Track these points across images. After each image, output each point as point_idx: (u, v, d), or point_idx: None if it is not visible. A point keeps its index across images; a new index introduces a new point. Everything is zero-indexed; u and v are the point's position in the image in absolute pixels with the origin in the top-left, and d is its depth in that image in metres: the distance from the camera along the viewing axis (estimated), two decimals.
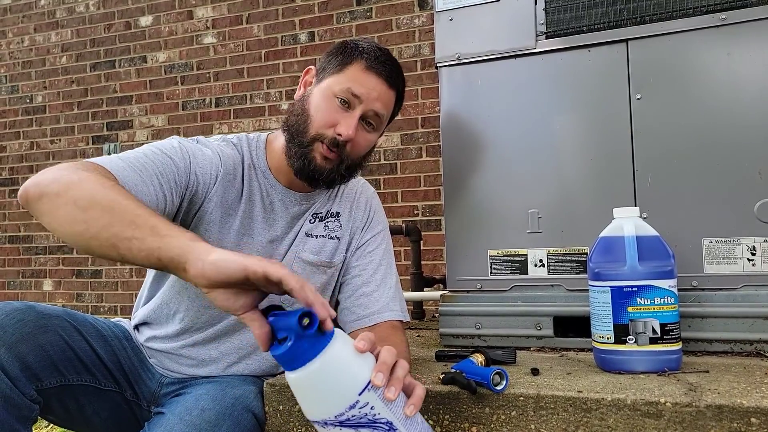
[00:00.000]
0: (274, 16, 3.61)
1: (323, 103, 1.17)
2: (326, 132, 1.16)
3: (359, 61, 1.18)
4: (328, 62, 1.22)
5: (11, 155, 4.21)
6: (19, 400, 0.99)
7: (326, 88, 1.18)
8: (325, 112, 1.16)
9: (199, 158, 1.17)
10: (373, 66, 1.17)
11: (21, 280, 4.13)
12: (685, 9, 1.33)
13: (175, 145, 1.16)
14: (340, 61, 1.19)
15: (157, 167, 1.09)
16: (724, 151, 1.30)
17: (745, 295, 1.27)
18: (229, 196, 1.20)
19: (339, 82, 1.17)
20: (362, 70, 1.17)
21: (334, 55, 1.22)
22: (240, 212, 1.21)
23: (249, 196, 1.22)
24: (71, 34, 4.10)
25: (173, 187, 1.10)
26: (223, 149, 1.22)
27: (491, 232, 1.46)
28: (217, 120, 3.71)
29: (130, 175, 1.03)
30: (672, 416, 0.92)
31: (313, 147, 1.17)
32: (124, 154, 1.09)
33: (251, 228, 1.22)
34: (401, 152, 3.30)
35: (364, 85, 1.16)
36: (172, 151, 1.14)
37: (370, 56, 1.18)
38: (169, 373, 1.25)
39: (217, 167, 1.18)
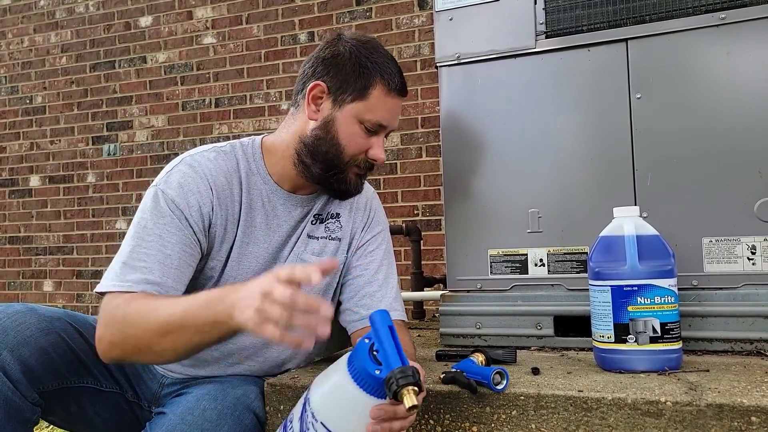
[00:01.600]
0: (274, 16, 3.61)
1: (353, 131, 1.19)
2: (359, 157, 1.21)
3: (379, 83, 1.18)
4: (343, 81, 1.18)
5: (11, 156, 4.21)
6: (21, 403, 0.99)
7: (353, 116, 1.18)
8: (358, 140, 1.19)
9: (190, 202, 1.14)
10: (393, 88, 1.19)
11: (21, 281, 4.13)
12: (685, 8, 1.33)
13: (165, 212, 1.12)
14: (362, 86, 1.17)
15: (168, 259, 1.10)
16: (723, 150, 1.30)
17: (745, 294, 1.27)
18: (230, 211, 1.19)
19: (366, 111, 1.18)
20: (385, 94, 1.19)
21: (352, 74, 1.18)
22: (241, 222, 1.20)
23: (249, 204, 1.21)
24: (71, 35, 4.10)
25: (191, 257, 1.13)
26: (210, 167, 1.18)
27: (491, 232, 1.46)
28: (216, 120, 3.71)
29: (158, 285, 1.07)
30: (672, 415, 0.92)
31: (348, 170, 1.21)
32: (129, 255, 1.09)
33: (253, 236, 1.21)
34: (401, 152, 3.30)
35: (389, 112, 1.20)
36: (165, 223, 1.11)
37: (387, 74, 1.19)
38: (170, 374, 1.25)
39: (208, 196, 1.16)
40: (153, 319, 0.97)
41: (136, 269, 1.06)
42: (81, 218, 3.99)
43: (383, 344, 0.84)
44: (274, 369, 1.27)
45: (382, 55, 1.21)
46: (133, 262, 1.07)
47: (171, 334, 0.96)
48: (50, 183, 4.09)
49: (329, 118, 1.19)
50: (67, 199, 4.03)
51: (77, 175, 4.02)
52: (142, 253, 1.08)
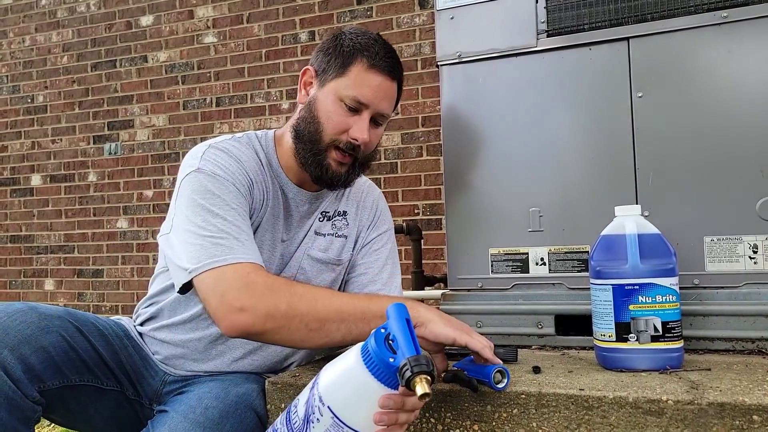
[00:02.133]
0: (275, 16, 3.61)
1: (332, 108, 1.16)
2: (340, 137, 1.17)
3: (360, 60, 1.16)
4: (327, 62, 1.20)
5: (12, 155, 4.21)
6: (21, 402, 0.99)
7: (332, 92, 1.17)
8: (336, 117, 1.16)
9: (235, 175, 1.15)
10: (375, 64, 1.16)
11: (22, 280, 4.13)
12: (687, 7, 1.33)
13: (220, 180, 1.12)
14: (342, 63, 1.17)
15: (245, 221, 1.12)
16: (725, 149, 1.30)
17: (746, 294, 1.27)
18: (258, 194, 1.20)
19: (344, 87, 1.16)
20: (365, 70, 1.16)
21: (333, 53, 1.19)
22: (270, 208, 1.21)
23: (273, 192, 1.23)
24: (72, 34, 4.11)
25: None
26: (241, 152, 1.19)
27: (492, 231, 1.46)
28: (217, 119, 3.71)
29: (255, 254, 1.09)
30: (674, 414, 0.92)
31: (327, 154, 1.18)
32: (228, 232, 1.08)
33: (275, 224, 1.23)
34: (402, 151, 3.30)
35: (369, 88, 1.16)
36: (231, 191, 1.13)
37: (370, 53, 1.17)
38: (173, 371, 1.25)
39: (245, 174, 1.17)
40: (330, 303, 1.04)
41: (241, 241, 1.07)
42: (82, 217, 3.99)
43: (399, 333, 0.84)
44: (276, 364, 1.27)
45: (369, 37, 1.19)
46: (235, 234, 1.07)
47: (346, 322, 1.03)
48: (51, 182, 4.09)
49: (313, 98, 1.20)
50: (69, 198, 4.04)
51: (78, 174, 4.02)
52: (230, 224, 1.08)
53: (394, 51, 1.22)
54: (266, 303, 1.01)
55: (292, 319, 1.01)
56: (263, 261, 1.18)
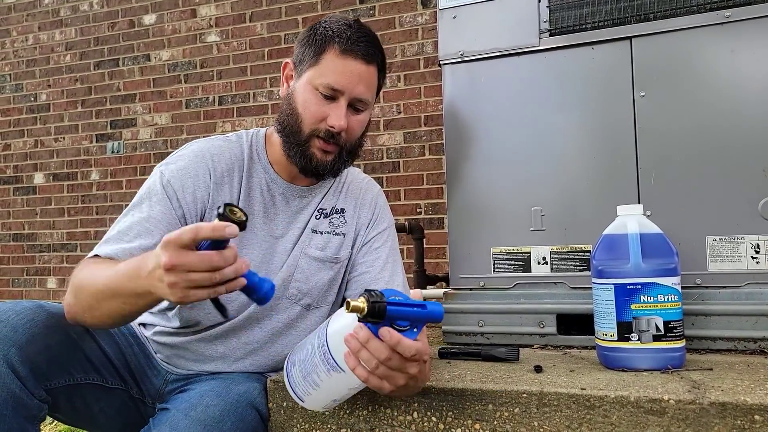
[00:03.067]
0: (277, 15, 3.61)
1: (308, 98, 1.17)
2: (319, 126, 1.17)
3: (332, 46, 1.15)
4: (303, 53, 1.20)
5: (15, 153, 4.22)
6: (28, 400, 1.00)
7: (307, 82, 1.17)
8: (313, 107, 1.16)
9: (186, 186, 1.18)
10: (347, 49, 1.15)
11: (25, 278, 4.14)
12: (689, 6, 1.33)
13: (156, 186, 1.18)
14: (315, 51, 1.17)
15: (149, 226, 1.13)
16: (728, 149, 1.30)
17: (749, 293, 1.27)
18: (227, 197, 1.21)
19: (318, 75, 1.15)
20: (338, 56, 1.15)
21: (307, 44, 1.19)
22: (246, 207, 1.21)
23: (248, 191, 1.23)
24: (75, 33, 4.11)
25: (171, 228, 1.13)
26: (213, 153, 1.22)
27: (494, 230, 1.46)
28: (220, 118, 3.72)
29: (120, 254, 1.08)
30: (675, 413, 0.92)
31: (311, 143, 1.18)
32: (117, 231, 1.13)
33: (251, 224, 1.22)
34: (404, 150, 3.30)
35: (343, 74, 1.15)
36: (156, 201, 1.16)
37: (342, 38, 1.15)
38: (175, 370, 1.25)
39: (205, 180, 1.19)
40: (94, 284, 1.00)
41: (116, 241, 1.11)
42: (85, 216, 4.00)
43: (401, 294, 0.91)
44: (278, 364, 1.27)
45: (343, 23, 1.18)
46: (116, 236, 1.12)
47: (106, 300, 0.97)
48: (54, 180, 4.10)
49: (291, 90, 1.21)
50: (71, 196, 4.04)
51: (81, 172, 4.03)
52: (125, 228, 1.13)
53: (370, 35, 1.20)
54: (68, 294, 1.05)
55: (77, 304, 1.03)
56: (252, 261, 1.20)
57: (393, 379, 0.90)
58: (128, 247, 1.09)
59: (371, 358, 0.87)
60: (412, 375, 0.90)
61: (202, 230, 0.83)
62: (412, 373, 0.90)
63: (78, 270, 1.06)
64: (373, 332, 0.87)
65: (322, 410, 1.08)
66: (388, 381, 0.90)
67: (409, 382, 0.92)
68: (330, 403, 1.04)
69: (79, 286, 1.03)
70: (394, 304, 0.88)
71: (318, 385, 1.00)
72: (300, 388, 1.03)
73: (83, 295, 1.02)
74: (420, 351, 0.88)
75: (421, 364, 0.91)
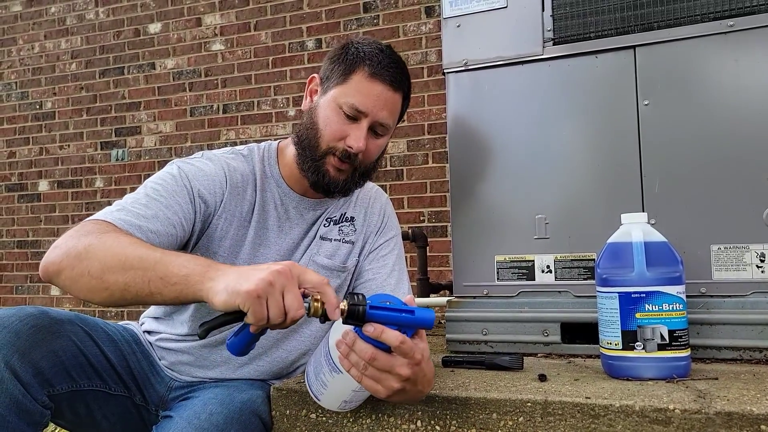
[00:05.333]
0: (282, 24, 3.63)
1: (331, 115, 1.17)
2: (337, 145, 1.17)
3: (362, 68, 1.16)
4: (331, 70, 1.20)
5: (20, 161, 4.24)
6: (31, 406, 1.00)
7: (332, 100, 1.17)
8: (334, 125, 1.16)
9: (200, 179, 1.17)
10: (377, 73, 1.16)
11: (29, 285, 4.15)
12: (693, 15, 1.33)
13: (174, 173, 1.16)
14: (344, 70, 1.17)
15: (161, 207, 1.10)
16: (732, 157, 1.30)
17: (754, 302, 1.26)
18: (241, 209, 1.21)
19: (344, 95, 1.16)
20: (366, 78, 1.16)
21: (337, 62, 1.20)
22: (253, 223, 1.21)
23: (262, 206, 1.23)
24: (81, 41, 4.14)
25: (181, 218, 1.12)
26: (229, 162, 1.22)
27: (498, 238, 1.46)
28: (224, 126, 3.73)
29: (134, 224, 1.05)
30: (681, 423, 0.92)
31: (326, 160, 1.18)
32: (126, 202, 1.10)
33: (266, 238, 1.23)
34: (408, 158, 3.31)
35: (368, 96, 1.15)
36: (171, 183, 1.14)
37: (372, 62, 1.16)
38: (179, 376, 1.25)
39: (221, 183, 1.19)
40: (123, 249, 0.94)
41: (130, 213, 1.07)
42: None
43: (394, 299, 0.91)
44: (282, 370, 1.27)
45: (375, 47, 1.19)
46: (131, 208, 1.08)
47: (133, 270, 0.92)
48: (59, 188, 4.11)
49: (315, 105, 1.22)
50: (75, 204, 4.06)
51: (85, 180, 4.05)
52: (141, 204, 1.09)
53: (400, 62, 1.21)
54: (70, 242, 0.98)
55: (81, 261, 0.96)
56: None
57: (385, 381, 0.89)
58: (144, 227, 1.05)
59: (359, 360, 0.88)
60: (405, 377, 0.88)
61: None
62: (403, 375, 0.88)
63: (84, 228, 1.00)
64: (360, 336, 0.88)
65: (337, 410, 1.08)
66: (381, 383, 0.89)
67: (406, 385, 0.90)
68: (342, 404, 1.04)
69: (104, 244, 0.95)
70: (377, 307, 0.88)
71: (326, 386, 1.01)
72: (315, 387, 1.05)
73: (98, 257, 0.94)
74: (407, 345, 0.87)
75: (414, 366, 0.89)
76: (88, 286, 0.96)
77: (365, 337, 0.88)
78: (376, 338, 0.86)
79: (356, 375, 0.90)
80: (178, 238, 1.12)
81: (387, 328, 0.87)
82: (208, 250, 1.19)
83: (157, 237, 1.07)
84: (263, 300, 0.83)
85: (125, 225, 1.04)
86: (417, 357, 0.88)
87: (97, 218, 1.05)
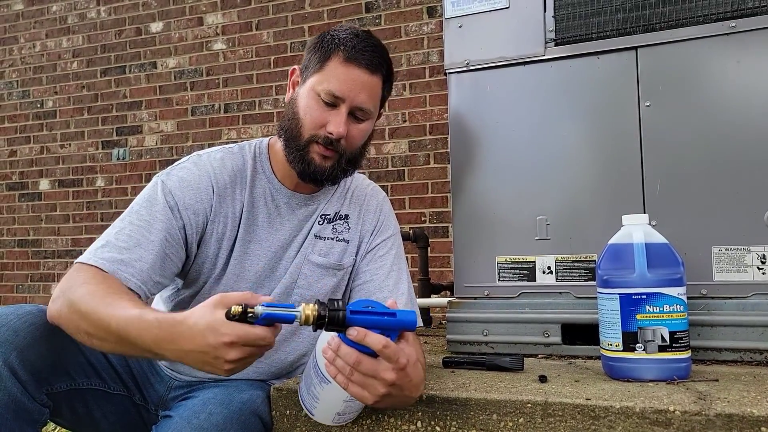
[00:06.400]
0: (284, 23, 3.63)
1: (310, 103, 1.17)
2: (318, 132, 1.17)
3: (337, 54, 1.16)
4: (309, 59, 1.21)
5: (21, 159, 4.24)
6: (29, 404, 1.00)
7: (310, 88, 1.17)
8: (314, 113, 1.16)
9: (185, 190, 1.17)
10: (351, 57, 1.15)
11: (29, 284, 4.15)
12: (695, 17, 1.33)
13: (158, 192, 1.16)
14: (320, 57, 1.17)
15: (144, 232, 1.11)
16: (733, 159, 1.30)
17: (755, 304, 1.26)
18: (233, 209, 1.21)
19: (320, 81, 1.16)
20: (341, 63, 1.15)
21: (314, 50, 1.20)
22: (242, 222, 1.21)
23: (251, 203, 1.23)
24: (82, 40, 4.14)
25: (168, 236, 1.13)
26: (216, 165, 1.21)
27: (499, 239, 1.46)
28: (225, 126, 3.73)
29: (123, 269, 1.07)
30: (681, 425, 0.92)
31: (310, 148, 1.18)
32: (110, 234, 1.11)
33: (256, 234, 1.22)
34: (409, 159, 3.31)
35: (345, 81, 1.15)
36: (154, 202, 1.14)
37: (347, 47, 1.16)
38: (178, 376, 1.25)
39: (207, 190, 1.19)
40: (98, 316, 0.97)
41: (114, 248, 1.09)
42: (89, 222, 4.01)
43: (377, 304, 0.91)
44: (282, 371, 1.27)
45: (351, 32, 1.19)
46: (115, 242, 1.10)
47: (110, 341, 0.97)
48: (60, 187, 4.11)
49: (295, 95, 1.22)
50: (76, 203, 4.06)
51: (86, 179, 4.05)
52: (125, 235, 1.11)
53: (378, 46, 1.20)
54: (63, 298, 1.02)
55: (73, 321, 1.00)
56: (254, 272, 1.21)
57: (372, 387, 0.89)
58: (128, 259, 1.07)
59: (344, 365, 0.88)
60: (390, 381, 0.88)
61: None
62: (388, 379, 0.88)
63: (74, 279, 1.03)
64: (344, 341, 0.88)
65: (332, 424, 1.07)
66: (367, 389, 0.89)
67: (392, 390, 0.90)
68: (335, 417, 1.03)
69: (79, 305, 0.99)
70: (358, 312, 0.88)
71: (318, 398, 1.00)
72: (307, 401, 1.04)
73: (78, 316, 0.98)
74: (391, 349, 0.86)
75: (399, 371, 0.88)
76: (85, 342, 1.01)
77: (349, 342, 0.87)
78: (359, 342, 0.86)
79: (342, 381, 0.90)
80: (170, 256, 1.13)
81: (370, 331, 0.87)
82: (206, 254, 1.20)
83: (144, 263, 1.08)
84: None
85: (108, 265, 1.06)
86: (402, 361, 0.88)
87: (84, 261, 1.07)
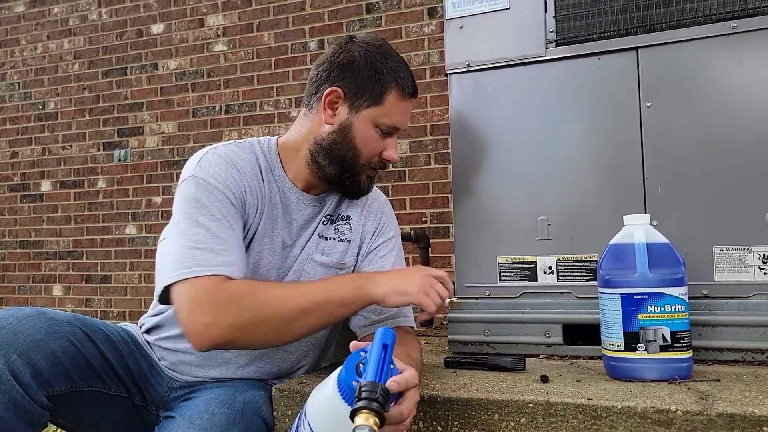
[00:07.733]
0: (285, 25, 3.63)
1: (370, 134, 1.22)
2: (373, 159, 1.25)
3: (394, 88, 1.21)
4: (360, 87, 1.20)
5: (23, 161, 4.24)
6: (29, 407, 1.00)
7: (368, 120, 1.21)
8: (374, 143, 1.23)
9: (230, 185, 1.16)
10: (407, 92, 1.23)
11: (31, 285, 4.16)
12: (696, 17, 1.33)
13: (209, 189, 1.14)
14: (377, 91, 1.20)
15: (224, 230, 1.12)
16: (734, 159, 1.30)
17: (756, 304, 1.26)
18: (255, 199, 1.21)
19: (381, 116, 1.21)
20: (399, 99, 1.22)
21: (368, 81, 1.20)
22: (265, 214, 1.22)
23: (270, 198, 1.24)
24: (84, 42, 4.14)
25: (239, 228, 1.16)
26: (237, 158, 1.21)
27: (500, 239, 1.46)
28: (226, 127, 3.73)
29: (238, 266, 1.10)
30: (683, 424, 0.92)
31: (362, 173, 1.26)
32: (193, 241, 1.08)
33: (273, 228, 1.24)
34: (410, 159, 3.31)
35: (403, 114, 1.25)
36: (212, 199, 1.13)
37: (400, 79, 1.22)
38: (179, 376, 1.25)
39: (240, 181, 1.18)
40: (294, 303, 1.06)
41: (216, 252, 1.07)
42: (91, 223, 4.01)
43: (370, 359, 0.85)
44: (283, 371, 1.27)
45: (396, 60, 1.24)
46: (204, 246, 1.08)
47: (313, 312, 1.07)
48: (61, 188, 4.12)
49: (346, 123, 1.21)
50: (78, 204, 4.06)
51: (88, 180, 4.05)
52: (212, 237, 1.09)
53: (409, 68, 1.28)
54: (231, 315, 1.02)
55: (259, 324, 1.04)
56: (266, 266, 1.21)
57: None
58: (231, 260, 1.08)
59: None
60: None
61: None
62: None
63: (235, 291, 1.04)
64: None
65: None
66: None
67: None
68: None
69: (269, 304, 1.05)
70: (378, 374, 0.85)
71: None
72: None
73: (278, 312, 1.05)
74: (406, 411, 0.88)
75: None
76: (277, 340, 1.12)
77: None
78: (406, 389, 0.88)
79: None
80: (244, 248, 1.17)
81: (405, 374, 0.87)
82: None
83: (242, 260, 1.12)
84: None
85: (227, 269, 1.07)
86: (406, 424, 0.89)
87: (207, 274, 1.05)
